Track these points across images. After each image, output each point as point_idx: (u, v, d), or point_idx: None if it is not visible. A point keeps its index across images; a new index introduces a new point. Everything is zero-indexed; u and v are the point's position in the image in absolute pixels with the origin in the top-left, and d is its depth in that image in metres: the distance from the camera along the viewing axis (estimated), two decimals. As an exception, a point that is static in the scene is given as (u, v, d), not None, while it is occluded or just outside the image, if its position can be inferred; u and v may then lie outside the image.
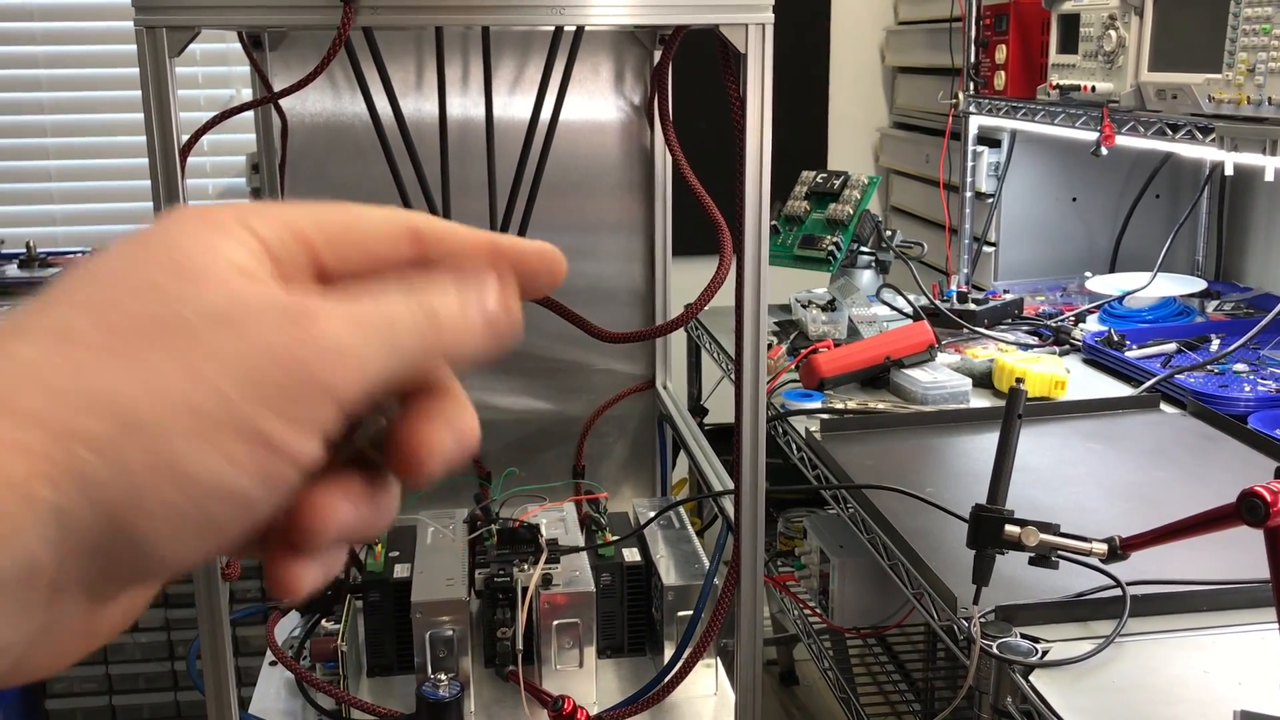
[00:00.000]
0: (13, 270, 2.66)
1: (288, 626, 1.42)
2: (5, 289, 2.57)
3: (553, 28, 1.41)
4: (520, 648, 1.28)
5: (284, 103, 1.61)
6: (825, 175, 2.13)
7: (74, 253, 2.79)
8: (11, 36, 2.88)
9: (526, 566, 1.31)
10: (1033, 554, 0.97)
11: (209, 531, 0.29)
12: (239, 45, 2.82)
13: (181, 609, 2.68)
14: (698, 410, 2.29)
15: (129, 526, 0.28)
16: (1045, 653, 1.01)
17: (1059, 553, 0.96)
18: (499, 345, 0.34)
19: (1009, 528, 0.94)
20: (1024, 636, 1.04)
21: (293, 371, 0.29)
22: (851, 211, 2.04)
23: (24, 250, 2.69)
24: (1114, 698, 0.97)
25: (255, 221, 0.32)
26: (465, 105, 1.61)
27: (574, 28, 1.38)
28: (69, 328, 0.29)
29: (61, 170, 2.97)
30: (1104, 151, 1.86)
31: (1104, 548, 0.96)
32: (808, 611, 1.81)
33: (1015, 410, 0.95)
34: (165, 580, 0.31)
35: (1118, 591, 1.07)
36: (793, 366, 1.81)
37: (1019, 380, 1.06)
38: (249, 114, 1.67)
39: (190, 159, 1.06)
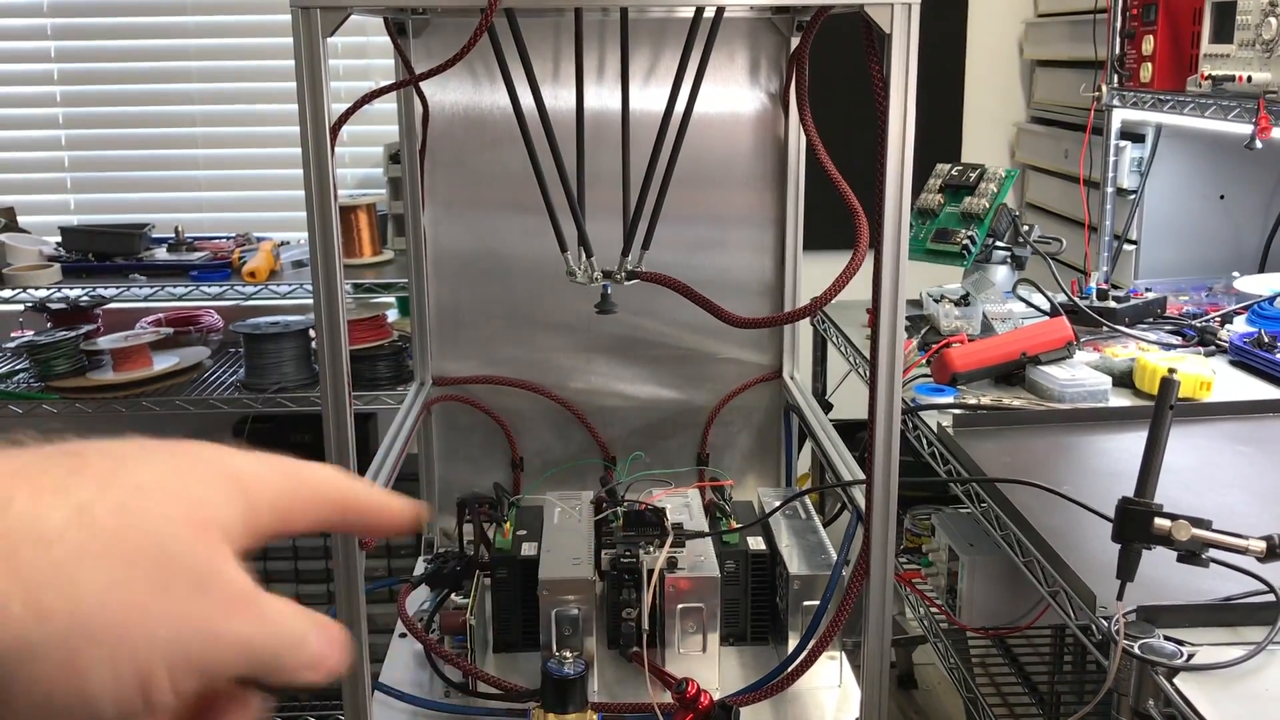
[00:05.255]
0: (162, 254, 2.78)
1: (417, 600, 1.45)
2: (155, 271, 2.68)
3: (690, 16, 1.41)
4: (645, 629, 1.28)
5: (425, 92, 1.65)
6: (961, 168, 2.09)
7: (220, 237, 2.91)
8: (164, 30, 3.01)
9: (652, 549, 1.31)
10: (1182, 551, 0.93)
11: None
12: (378, 39, 2.92)
13: (311, 584, 2.77)
14: (823, 405, 2.27)
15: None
16: (1191, 656, 0.97)
17: (1211, 550, 0.93)
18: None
19: (1159, 521, 0.91)
20: (1167, 639, 1.00)
21: (207, 644, 0.34)
22: (988, 205, 2.00)
23: (173, 235, 2.81)
24: (1267, 706, 0.93)
25: (259, 498, 0.38)
26: (600, 95, 1.62)
27: (712, 14, 1.38)
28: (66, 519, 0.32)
29: (209, 159, 3.09)
30: (1259, 145, 1.79)
31: (1261, 546, 0.92)
32: (934, 610, 1.78)
33: (1167, 401, 0.92)
34: None
35: (1270, 596, 1.03)
36: (924, 361, 1.78)
37: (1171, 370, 1.02)
38: (389, 107, 1.73)
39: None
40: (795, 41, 1.61)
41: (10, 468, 0.33)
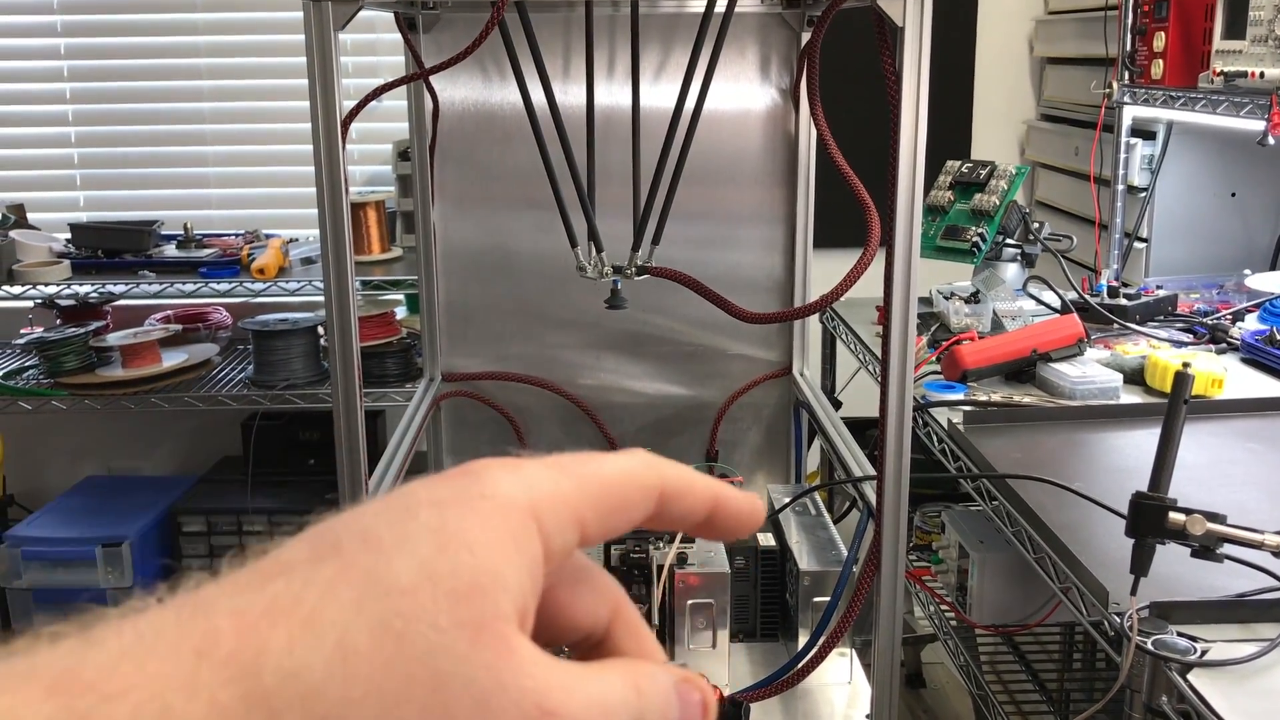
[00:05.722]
0: (171, 250, 2.78)
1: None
2: (164, 268, 2.69)
3: (700, 11, 1.41)
4: (655, 624, 1.28)
5: (435, 87, 1.65)
6: (971, 165, 2.08)
7: (228, 234, 2.91)
8: (174, 27, 3.02)
9: (662, 544, 1.31)
10: (1196, 546, 0.92)
11: None
12: (387, 36, 2.91)
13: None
14: (832, 403, 2.26)
15: None
16: (1205, 652, 0.97)
17: (1226, 545, 0.92)
18: None
19: (1173, 515, 0.90)
20: (1180, 635, 1.00)
21: None
22: (998, 202, 1.99)
23: (182, 232, 2.82)
24: (1280, 702, 0.92)
25: (547, 517, 0.31)
26: (610, 91, 1.62)
27: (722, 9, 1.38)
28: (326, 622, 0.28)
29: (218, 155, 3.10)
30: (1271, 141, 1.78)
31: (1277, 541, 0.91)
32: (944, 607, 1.77)
33: (1181, 395, 0.91)
34: None
35: (1284, 593, 1.02)
36: (934, 358, 1.78)
37: (1185, 365, 1.02)
38: (396, 104, 1.73)
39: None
40: (806, 36, 1.61)
41: (263, 603, 0.28)
